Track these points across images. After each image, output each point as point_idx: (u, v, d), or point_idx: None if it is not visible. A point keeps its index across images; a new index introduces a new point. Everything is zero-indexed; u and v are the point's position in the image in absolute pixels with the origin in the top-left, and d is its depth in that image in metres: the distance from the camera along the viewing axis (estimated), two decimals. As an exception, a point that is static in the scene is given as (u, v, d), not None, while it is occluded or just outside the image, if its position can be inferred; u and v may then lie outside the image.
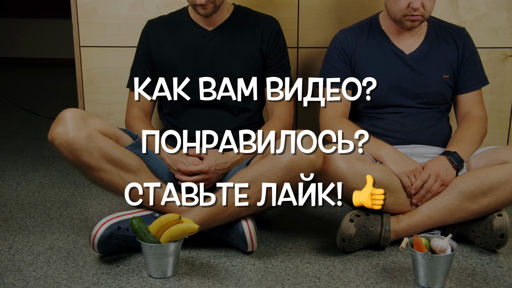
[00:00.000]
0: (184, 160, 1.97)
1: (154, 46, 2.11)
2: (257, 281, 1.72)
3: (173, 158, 1.98)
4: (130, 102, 2.16)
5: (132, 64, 2.18)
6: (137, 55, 2.16)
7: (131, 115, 2.12)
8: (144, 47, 2.13)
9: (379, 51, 2.09)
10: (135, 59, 2.17)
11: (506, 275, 1.76)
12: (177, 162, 1.97)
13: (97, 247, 1.80)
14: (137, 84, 2.08)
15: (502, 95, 2.49)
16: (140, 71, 2.14)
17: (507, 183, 1.81)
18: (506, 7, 2.40)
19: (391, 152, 1.93)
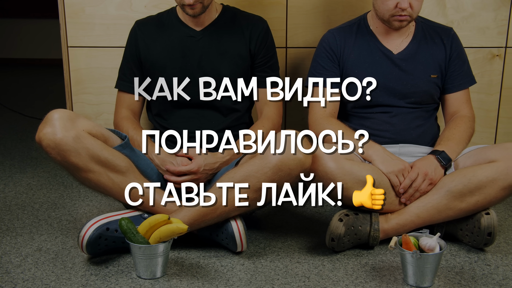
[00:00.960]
0: (173, 161, 1.97)
1: (142, 46, 2.10)
2: (247, 281, 1.72)
3: (162, 159, 1.98)
4: (119, 102, 2.15)
5: (120, 64, 2.17)
6: (125, 56, 2.15)
7: (120, 116, 2.12)
8: (132, 47, 2.12)
9: (367, 51, 2.09)
10: (123, 59, 2.16)
11: (493, 273, 1.77)
12: (166, 162, 1.97)
13: (86, 248, 1.79)
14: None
15: (489, 95, 2.50)
16: (128, 71, 2.13)
17: (495, 181, 1.83)
18: (492, 7, 2.41)
19: (379, 152, 1.94)
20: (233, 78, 2.07)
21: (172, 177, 1.95)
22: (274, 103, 2.12)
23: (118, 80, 2.17)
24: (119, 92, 2.16)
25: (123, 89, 2.14)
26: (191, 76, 2.06)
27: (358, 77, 2.07)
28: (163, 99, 2.10)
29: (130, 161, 1.88)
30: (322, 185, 1.87)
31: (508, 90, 2.50)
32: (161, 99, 2.10)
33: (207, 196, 1.81)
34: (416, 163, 1.93)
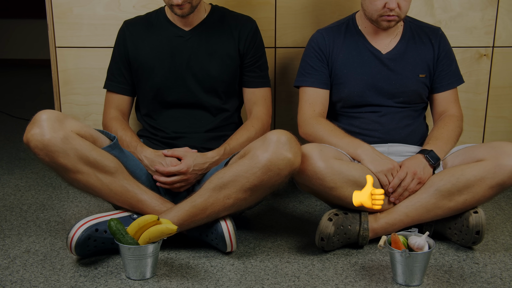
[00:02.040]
0: (162, 161, 1.96)
1: (130, 46, 2.10)
2: (237, 281, 1.72)
3: (151, 159, 1.97)
4: (107, 103, 2.14)
5: (109, 65, 2.16)
6: (113, 56, 2.15)
7: (108, 116, 2.11)
8: (121, 47, 2.12)
9: (356, 51, 2.10)
10: (112, 60, 2.15)
11: (482, 271, 1.79)
12: (155, 163, 1.96)
13: (75, 250, 1.78)
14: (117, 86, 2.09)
15: (477, 94, 2.52)
16: (117, 71, 2.13)
17: (483, 180, 1.84)
18: (480, 7, 2.43)
19: (368, 151, 1.95)
20: (222, 78, 2.08)
21: (162, 178, 1.95)
22: (264, 103, 2.13)
23: (106, 80, 2.16)
24: (107, 93, 2.16)
25: (111, 89, 2.14)
26: (180, 76, 2.06)
27: (347, 77, 2.09)
28: (152, 99, 2.10)
29: (119, 161, 1.87)
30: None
31: (495, 89, 2.52)
32: (150, 99, 2.10)
33: (196, 197, 1.81)
34: (405, 163, 1.94)
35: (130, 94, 2.15)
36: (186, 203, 1.81)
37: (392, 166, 1.91)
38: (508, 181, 1.83)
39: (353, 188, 1.85)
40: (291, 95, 2.46)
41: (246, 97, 2.15)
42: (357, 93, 2.08)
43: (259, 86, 2.13)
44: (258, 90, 2.13)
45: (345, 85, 2.09)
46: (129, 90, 2.14)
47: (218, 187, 1.78)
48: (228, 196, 1.78)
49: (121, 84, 2.12)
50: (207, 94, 2.08)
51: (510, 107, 2.54)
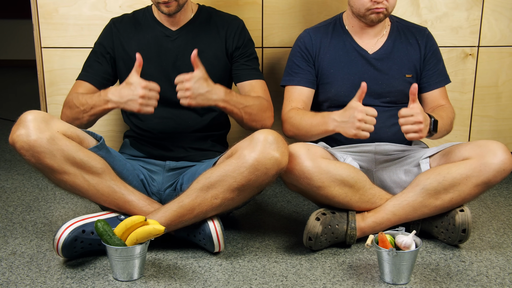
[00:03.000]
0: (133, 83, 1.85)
1: (117, 44, 2.08)
2: (225, 281, 1.72)
3: (119, 90, 1.87)
4: (72, 89, 2.06)
5: (87, 58, 2.11)
6: (94, 50, 2.10)
7: (69, 95, 2.03)
8: (107, 42, 2.08)
9: (343, 50, 2.11)
10: (92, 53, 2.10)
11: (468, 269, 1.80)
12: (126, 88, 1.86)
13: (61, 251, 1.77)
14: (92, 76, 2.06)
15: (462, 93, 2.54)
16: (95, 64, 2.07)
17: (468, 179, 1.85)
18: (465, 7, 2.45)
19: (335, 122, 1.89)
20: (209, 76, 2.06)
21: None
22: (264, 93, 2.08)
23: (81, 72, 2.08)
24: (76, 81, 2.07)
25: (83, 79, 2.06)
26: (167, 76, 2.05)
27: (333, 77, 2.09)
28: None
29: (105, 162, 1.86)
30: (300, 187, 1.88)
31: (481, 88, 2.54)
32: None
33: (184, 197, 1.80)
34: (418, 106, 1.84)
35: (99, 86, 2.06)
36: (173, 203, 1.81)
37: (358, 116, 1.81)
38: (493, 179, 1.85)
39: (340, 187, 1.86)
40: (278, 95, 2.46)
41: (244, 90, 2.09)
42: (343, 93, 2.08)
43: (255, 78, 2.09)
44: (255, 82, 2.09)
45: (332, 85, 2.10)
46: (100, 82, 2.06)
47: (206, 187, 1.78)
48: (215, 196, 1.78)
49: (94, 75, 2.05)
50: (193, 94, 2.07)
51: (495, 106, 2.56)
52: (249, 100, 2.00)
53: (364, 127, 1.82)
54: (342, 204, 1.90)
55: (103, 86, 2.07)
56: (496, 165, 1.84)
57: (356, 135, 1.83)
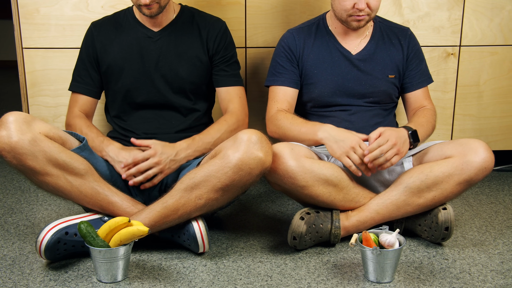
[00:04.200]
0: (126, 155, 1.93)
1: (99, 47, 2.07)
2: (209, 282, 1.72)
3: (116, 152, 1.94)
4: (72, 103, 2.11)
5: (75, 66, 2.13)
6: (80, 58, 2.11)
7: (72, 115, 2.08)
8: (89, 49, 2.09)
9: (326, 51, 2.11)
10: (79, 61, 2.12)
11: (451, 267, 1.81)
12: (121, 154, 1.93)
13: (44, 254, 1.75)
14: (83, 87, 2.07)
15: (445, 92, 2.56)
16: (84, 73, 2.10)
17: (451, 177, 1.87)
18: (447, 7, 2.47)
19: (326, 133, 1.91)
20: (191, 79, 2.07)
21: (136, 179, 1.92)
22: (239, 101, 2.10)
23: (72, 82, 2.12)
24: (72, 94, 2.12)
25: (77, 90, 2.10)
26: (149, 77, 2.04)
27: (317, 77, 2.10)
28: (122, 100, 2.08)
29: (88, 163, 1.85)
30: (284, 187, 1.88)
31: (463, 88, 2.56)
32: (120, 100, 2.08)
33: (168, 198, 1.80)
34: (386, 130, 1.89)
35: (95, 96, 2.11)
36: (157, 204, 1.80)
37: (353, 143, 1.86)
38: (475, 177, 1.87)
39: (324, 186, 1.86)
40: (262, 95, 2.46)
41: (220, 97, 2.13)
42: (327, 93, 2.09)
43: (233, 85, 2.11)
44: (232, 89, 2.11)
45: (316, 85, 2.10)
46: (95, 92, 2.11)
47: (190, 187, 1.77)
48: (199, 196, 1.78)
49: (87, 85, 2.09)
50: (176, 95, 2.07)
51: (476, 105, 2.59)
52: (215, 133, 2.01)
53: (351, 156, 1.86)
54: (326, 204, 1.91)
55: (97, 94, 2.12)
56: (478, 163, 1.86)
57: (339, 158, 1.87)
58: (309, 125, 1.98)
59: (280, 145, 1.87)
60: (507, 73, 2.56)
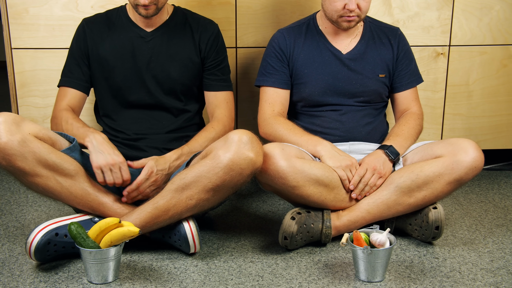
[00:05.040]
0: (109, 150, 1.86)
1: (91, 44, 2.05)
2: (200, 282, 1.71)
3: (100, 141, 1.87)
4: (59, 97, 2.06)
5: (65, 63, 2.10)
6: (71, 54, 2.09)
7: (58, 108, 2.04)
8: (81, 44, 2.06)
9: (316, 51, 2.12)
10: (69, 57, 2.09)
11: (442, 266, 1.82)
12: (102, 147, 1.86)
13: (34, 255, 1.74)
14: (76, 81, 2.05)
15: (435, 92, 2.57)
16: (75, 68, 2.07)
17: (441, 176, 1.88)
18: (436, 7, 2.48)
19: (327, 148, 1.97)
20: (182, 80, 2.06)
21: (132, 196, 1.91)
22: (226, 106, 2.11)
23: (62, 77, 2.08)
24: (61, 89, 2.07)
25: (67, 85, 2.06)
26: (140, 77, 2.04)
27: (307, 77, 2.10)
28: (112, 99, 2.07)
29: (78, 164, 1.84)
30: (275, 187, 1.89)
31: (452, 87, 2.58)
32: (110, 99, 2.07)
33: (158, 198, 1.79)
34: (364, 159, 1.97)
35: (85, 91, 2.08)
36: (148, 205, 1.80)
37: (350, 163, 1.93)
38: (465, 176, 1.88)
39: (315, 186, 1.87)
40: (253, 95, 2.46)
41: (208, 101, 2.13)
42: (318, 93, 2.09)
43: (221, 90, 2.11)
44: (220, 94, 2.11)
45: (306, 85, 2.10)
46: (85, 87, 2.07)
47: (180, 188, 1.77)
48: (190, 197, 1.77)
49: (77, 80, 2.05)
50: (167, 96, 2.07)
51: (466, 105, 2.60)
52: (203, 141, 2.01)
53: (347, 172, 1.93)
54: (317, 203, 1.91)
55: (87, 89, 2.08)
56: (468, 162, 1.87)
57: (335, 169, 1.92)
58: (308, 137, 2.01)
59: (271, 145, 1.87)
60: (496, 73, 2.57)
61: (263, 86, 2.13)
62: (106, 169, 1.83)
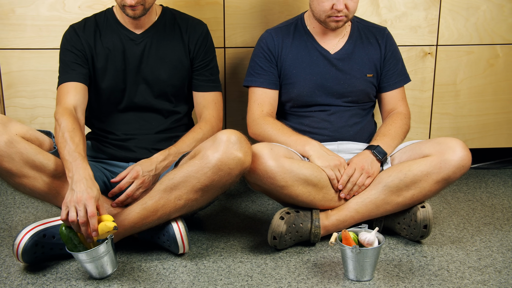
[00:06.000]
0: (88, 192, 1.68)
1: (87, 47, 2.01)
2: (189, 283, 1.71)
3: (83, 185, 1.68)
4: (61, 96, 1.93)
5: (61, 65, 2.01)
6: (65, 56, 2.00)
7: (61, 108, 1.88)
8: (76, 45, 1.99)
9: (304, 51, 2.12)
10: (65, 59, 2.00)
11: (430, 264, 1.83)
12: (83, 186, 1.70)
13: (22, 257, 1.73)
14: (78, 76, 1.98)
15: (422, 91, 2.58)
16: (74, 65, 1.98)
17: (429, 175, 1.89)
18: (423, 6, 2.49)
19: (316, 147, 1.97)
20: (172, 82, 2.05)
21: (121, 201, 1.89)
22: (214, 107, 2.10)
23: (61, 76, 1.98)
24: (62, 87, 1.95)
25: (69, 79, 1.95)
26: (130, 79, 2.03)
27: (296, 77, 2.10)
28: (103, 101, 2.05)
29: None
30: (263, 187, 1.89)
31: (440, 86, 2.59)
32: (101, 101, 2.05)
33: (147, 199, 1.79)
34: (353, 159, 1.98)
35: (87, 84, 1.98)
36: (136, 205, 1.79)
37: (339, 162, 1.94)
38: (453, 175, 1.89)
39: (304, 186, 1.87)
40: (241, 95, 2.46)
41: (196, 101, 2.12)
42: (306, 93, 2.10)
43: (210, 90, 2.10)
44: (208, 94, 2.10)
45: (295, 85, 2.10)
46: (87, 80, 1.99)
47: (169, 188, 1.77)
48: (179, 197, 1.77)
49: (79, 74, 1.97)
50: (157, 98, 2.06)
51: (454, 104, 2.62)
52: (190, 142, 1.99)
53: (335, 172, 1.93)
54: (306, 203, 1.92)
55: (88, 82, 1.99)
56: (456, 161, 1.88)
57: (324, 168, 1.92)
58: (297, 136, 2.01)
59: (259, 145, 1.87)
60: (483, 72, 2.59)
61: (252, 87, 2.13)
62: (70, 205, 1.65)
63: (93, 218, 1.62)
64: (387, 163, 2.02)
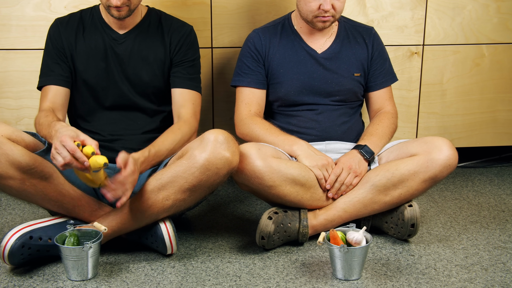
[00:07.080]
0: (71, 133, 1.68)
1: (66, 44, 2.01)
2: (178, 283, 1.71)
3: (64, 127, 1.71)
4: (41, 100, 1.98)
5: (42, 63, 2.03)
6: (47, 53, 2.02)
7: (39, 111, 1.95)
8: (57, 43, 2.00)
9: (292, 50, 2.12)
10: (46, 56, 2.02)
11: (417, 263, 1.84)
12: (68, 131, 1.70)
13: (8, 259, 1.72)
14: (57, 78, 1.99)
15: (409, 91, 2.59)
16: (54, 66, 1.99)
17: (416, 174, 1.90)
18: (410, 6, 2.50)
19: (304, 147, 1.98)
20: (154, 83, 2.04)
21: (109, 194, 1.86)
22: (192, 107, 2.04)
23: (41, 78, 2.01)
24: (42, 90, 2.00)
25: (48, 83, 1.98)
26: (113, 79, 2.02)
27: (283, 76, 2.10)
28: (86, 101, 2.04)
29: (53, 166, 1.81)
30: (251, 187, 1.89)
31: (427, 86, 2.60)
32: (84, 101, 2.05)
33: (134, 199, 1.78)
34: (340, 159, 1.99)
35: (68, 86, 2.00)
36: (124, 206, 1.78)
37: (326, 162, 1.94)
38: (440, 174, 1.90)
39: (292, 186, 1.87)
40: (229, 95, 2.46)
41: (174, 99, 2.06)
42: (293, 92, 2.10)
43: (187, 88, 2.05)
44: (187, 92, 2.05)
45: (282, 84, 2.11)
46: (67, 82, 2.00)
47: (157, 188, 1.76)
48: (166, 197, 1.77)
49: (58, 76, 1.99)
50: (141, 97, 2.04)
51: (440, 103, 2.63)
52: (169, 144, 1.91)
53: (323, 171, 1.94)
54: (293, 203, 1.92)
55: (69, 84, 2.01)
56: (442, 160, 1.89)
57: (311, 168, 1.93)
58: (285, 136, 2.02)
59: (247, 145, 1.87)
60: (469, 71, 2.61)
61: (239, 86, 2.13)
62: (54, 153, 1.66)
63: (75, 152, 1.62)
64: (374, 162, 2.02)
